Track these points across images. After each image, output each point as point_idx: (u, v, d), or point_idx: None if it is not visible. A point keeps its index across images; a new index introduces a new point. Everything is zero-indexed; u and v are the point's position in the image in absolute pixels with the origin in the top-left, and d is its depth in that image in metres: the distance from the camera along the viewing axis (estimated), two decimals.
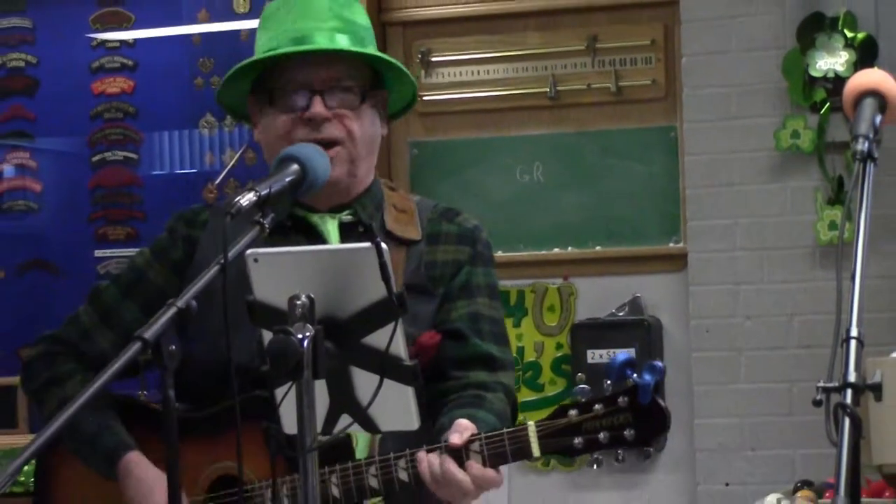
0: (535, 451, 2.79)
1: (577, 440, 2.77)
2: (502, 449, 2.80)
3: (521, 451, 2.80)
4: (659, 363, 2.74)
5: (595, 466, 5.40)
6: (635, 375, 2.73)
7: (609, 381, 2.76)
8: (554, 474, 5.57)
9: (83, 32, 5.99)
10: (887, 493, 4.81)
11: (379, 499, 2.99)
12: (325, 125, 3.01)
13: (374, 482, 2.90)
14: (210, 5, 5.87)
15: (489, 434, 2.81)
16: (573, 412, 2.77)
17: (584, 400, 2.77)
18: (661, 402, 2.74)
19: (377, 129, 3.12)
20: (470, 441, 2.80)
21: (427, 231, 3.15)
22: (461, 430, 2.82)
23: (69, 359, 3.21)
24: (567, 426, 2.78)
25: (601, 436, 2.76)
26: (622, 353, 2.75)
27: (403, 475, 2.88)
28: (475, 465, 2.80)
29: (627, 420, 2.75)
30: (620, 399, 2.75)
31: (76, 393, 2.81)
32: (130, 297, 3.19)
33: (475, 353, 3.08)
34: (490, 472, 2.80)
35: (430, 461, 2.82)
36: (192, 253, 3.14)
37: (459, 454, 2.80)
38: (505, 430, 2.81)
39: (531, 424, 2.79)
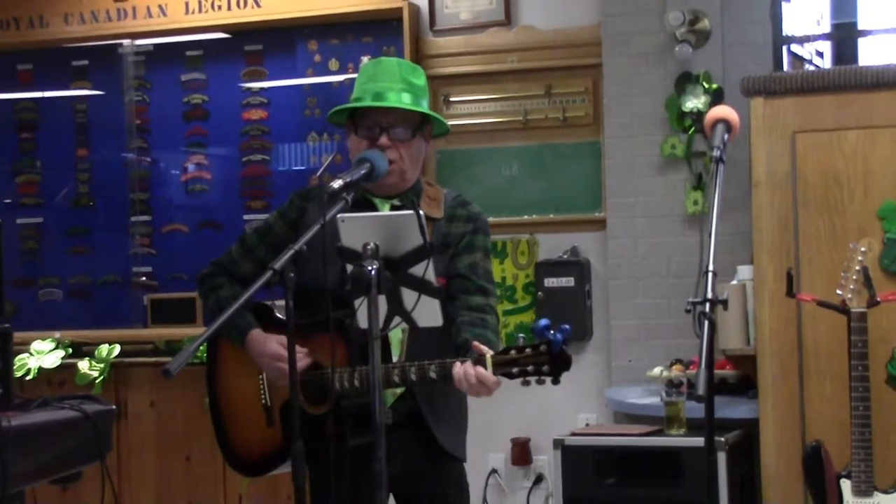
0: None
1: (514, 369, 2.75)
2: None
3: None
4: (567, 326, 2.73)
5: None
6: (552, 333, 2.71)
7: (536, 337, 2.76)
8: None
9: (237, 82, 5.95)
10: (728, 367, 4.82)
11: (402, 389, 2.96)
12: (387, 150, 3.00)
13: (396, 379, 2.87)
14: (314, 66, 5.82)
15: (475, 358, 2.79)
16: (513, 352, 2.76)
17: (520, 345, 2.76)
18: (566, 350, 2.72)
19: (422, 151, 3.11)
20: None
21: (447, 213, 3.12)
22: (482, 351, 2.80)
23: (223, 276, 3.23)
24: (509, 360, 2.76)
25: (529, 368, 2.74)
26: (543, 320, 2.71)
27: (413, 377, 2.86)
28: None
29: (545, 360, 2.72)
30: (542, 347, 2.72)
31: (226, 296, 2.81)
32: (263, 241, 3.19)
33: (475, 285, 3.06)
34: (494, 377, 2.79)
35: (465, 368, 2.79)
36: (303, 216, 3.13)
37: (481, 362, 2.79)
38: (470, 359, 2.79)
39: (489, 357, 2.77)
